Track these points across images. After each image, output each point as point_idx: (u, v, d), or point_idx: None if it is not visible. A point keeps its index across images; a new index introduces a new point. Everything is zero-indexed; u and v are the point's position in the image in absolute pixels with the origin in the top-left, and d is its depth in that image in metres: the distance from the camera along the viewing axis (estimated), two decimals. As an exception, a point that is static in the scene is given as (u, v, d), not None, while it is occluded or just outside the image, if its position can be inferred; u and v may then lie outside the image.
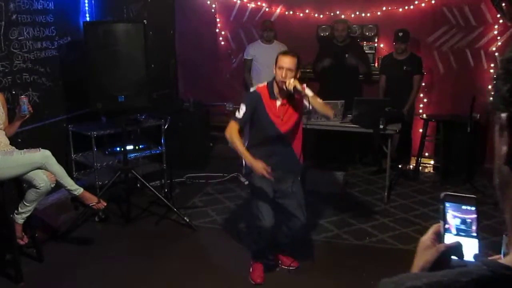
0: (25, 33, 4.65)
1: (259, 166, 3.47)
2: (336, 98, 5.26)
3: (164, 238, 4.59)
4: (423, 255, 0.93)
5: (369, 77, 6.48)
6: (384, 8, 6.54)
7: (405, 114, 5.89)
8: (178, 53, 7.43)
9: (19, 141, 4.62)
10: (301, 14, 6.84)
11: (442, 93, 6.57)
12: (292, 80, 3.51)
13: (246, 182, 5.99)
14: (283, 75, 3.51)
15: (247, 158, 3.55)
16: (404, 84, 6.00)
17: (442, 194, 0.96)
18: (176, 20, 7.33)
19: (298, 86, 3.50)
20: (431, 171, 6.53)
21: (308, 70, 6.41)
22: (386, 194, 5.49)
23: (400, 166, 6.29)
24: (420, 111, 6.59)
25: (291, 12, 6.88)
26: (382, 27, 6.52)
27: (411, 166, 6.43)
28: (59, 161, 5.04)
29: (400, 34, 5.92)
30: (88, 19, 5.41)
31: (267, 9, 6.97)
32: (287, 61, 3.54)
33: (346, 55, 6.16)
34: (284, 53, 3.65)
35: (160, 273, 3.96)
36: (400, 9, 6.49)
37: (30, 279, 3.84)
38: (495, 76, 0.81)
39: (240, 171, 6.19)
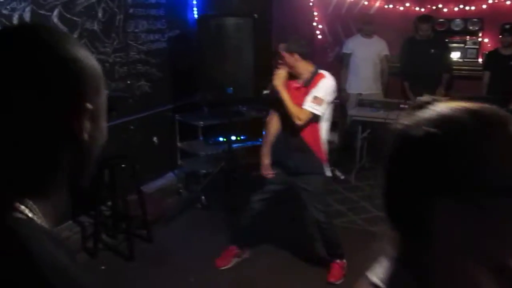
0: (140, 25, 4.91)
1: None
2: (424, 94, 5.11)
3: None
4: None
5: (450, 72, 6.19)
6: (490, 1, 6.26)
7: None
8: (275, 47, 7.50)
9: (131, 127, 4.91)
10: (401, 8, 6.68)
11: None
12: (280, 74, 3.31)
13: (342, 177, 5.95)
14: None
15: None
16: (510, 80, 5.74)
17: None
18: (273, 14, 7.41)
19: (276, 83, 3.29)
20: None
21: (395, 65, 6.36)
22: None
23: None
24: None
25: (390, 6, 6.74)
26: (487, 21, 6.23)
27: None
28: (165, 148, 5.34)
29: (507, 26, 5.68)
30: (195, 13, 5.61)
31: (365, 3, 6.87)
32: (281, 46, 3.30)
33: (432, 50, 5.98)
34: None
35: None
36: (508, 2, 6.19)
37: (141, 258, 4.12)
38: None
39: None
